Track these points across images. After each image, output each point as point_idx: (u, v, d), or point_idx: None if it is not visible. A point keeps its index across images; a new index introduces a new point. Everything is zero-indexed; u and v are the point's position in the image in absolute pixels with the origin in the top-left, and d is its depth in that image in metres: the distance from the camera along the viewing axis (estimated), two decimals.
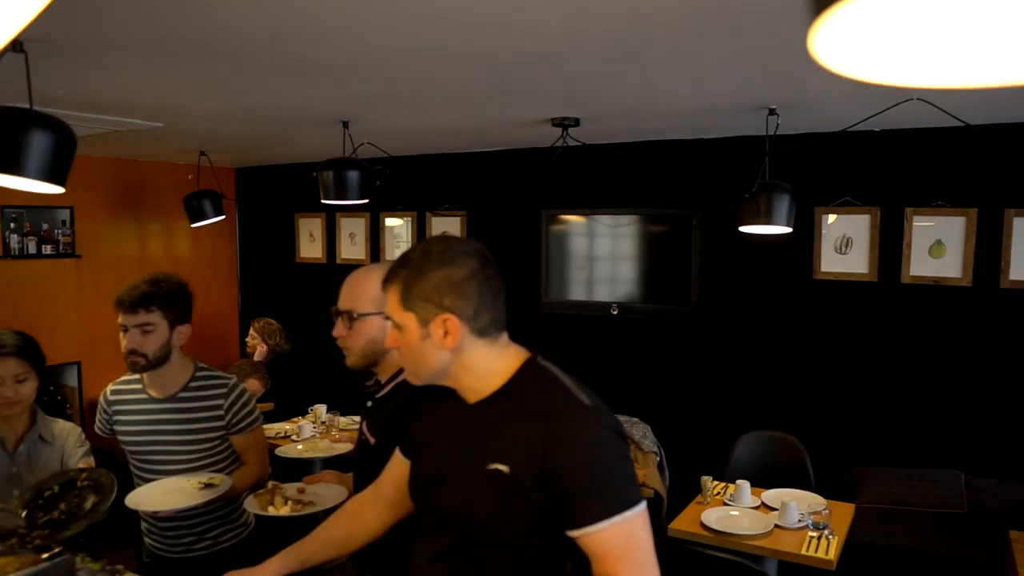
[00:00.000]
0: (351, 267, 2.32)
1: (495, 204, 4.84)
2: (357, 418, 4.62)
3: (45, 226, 5.20)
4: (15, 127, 2.14)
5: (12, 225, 5.03)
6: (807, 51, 0.53)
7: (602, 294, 4.72)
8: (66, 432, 2.54)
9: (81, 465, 2.39)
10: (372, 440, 1.97)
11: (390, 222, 5.51)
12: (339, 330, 1.97)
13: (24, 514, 2.08)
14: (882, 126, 3.74)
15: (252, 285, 6.42)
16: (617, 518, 1.34)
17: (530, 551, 1.44)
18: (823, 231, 4.08)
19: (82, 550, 2.17)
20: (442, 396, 1.56)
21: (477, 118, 3.76)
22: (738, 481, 3.43)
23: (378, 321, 1.90)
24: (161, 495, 2.30)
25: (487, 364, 1.48)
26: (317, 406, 4.63)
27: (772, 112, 3.30)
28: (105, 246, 5.53)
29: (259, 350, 5.14)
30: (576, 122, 3.69)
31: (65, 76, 2.78)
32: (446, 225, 5.22)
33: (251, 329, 5.28)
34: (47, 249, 5.20)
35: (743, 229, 3.48)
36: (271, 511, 2.19)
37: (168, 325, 2.33)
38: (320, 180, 3.86)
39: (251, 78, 2.82)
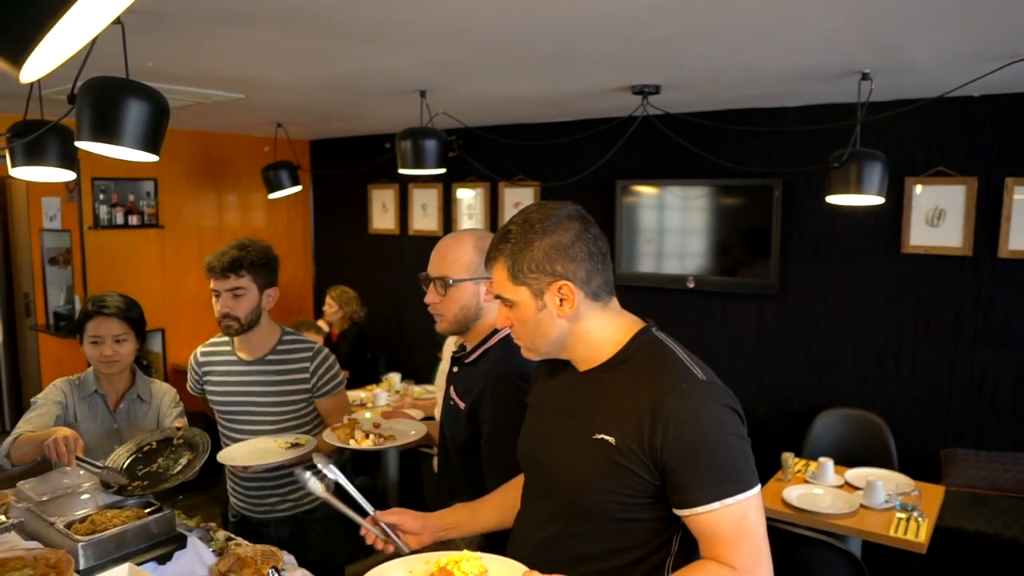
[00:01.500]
0: (423, 238, 2.35)
1: (568, 175, 4.78)
2: (431, 387, 4.70)
3: (131, 197, 5.38)
4: (113, 96, 2.19)
5: (101, 196, 5.21)
6: (911, 11, 0.48)
7: (677, 267, 4.64)
8: (162, 392, 2.66)
9: (176, 424, 2.48)
10: (462, 405, 2.03)
11: (462, 193, 5.51)
12: (431, 296, 2.02)
13: (126, 464, 2.18)
14: (983, 91, 3.54)
15: (325, 256, 6.53)
16: (729, 500, 1.29)
17: (635, 525, 1.41)
18: (913, 202, 3.90)
19: (176, 508, 2.24)
20: (555, 363, 1.55)
21: (555, 87, 3.70)
22: (821, 459, 3.34)
23: (471, 287, 1.99)
24: (250, 453, 2.36)
25: (601, 332, 1.45)
26: (391, 374, 4.70)
27: (865, 77, 3.15)
28: (186, 217, 5.69)
29: (336, 317, 5.23)
30: (656, 90, 3.60)
31: (155, 48, 2.84)
32: (518, 196, 5.19)
33: (327, 297, 5.36)
34: (133, 220, 5.38)
35: (831, 200, 3.35)
36: (353, 444, 2.21)
37: (257, 289, 2.41)
38: (397, 149, 3.88)
39: (331, 47, 2.83)
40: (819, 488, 3.19)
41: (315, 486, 1.63)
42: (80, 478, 2.16)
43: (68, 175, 3.09)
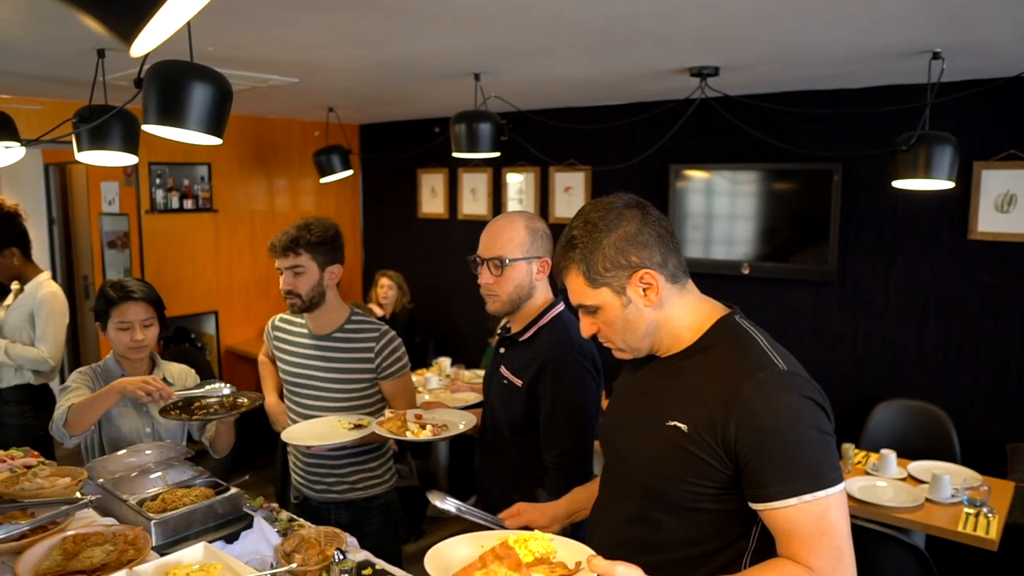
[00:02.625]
0: (472, 223, 2.38)
1: (620, 159, 4.72)
2: (481, 372, 4.71)
3: (186, 182, 5.46)
4: (179, 80, 2.20)
5: (157, 181, 5.30)
6: None
7: (732, 252, 4.55)
8: (184, 374, 2.70)
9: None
10: (519, 382, 2.08)
11: (512, 177, 5.48)
12: (485, 277, 2.08)
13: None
14: None
15: (374, 240, 6.56)
16: (807, 496, 1.24)
17: (708, 516, 1.38)
18: (982, 187, 3.76)
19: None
20: None
21: (610, 69, 3.65)
22: (883, 451, 3.26)
23: (524, 266, 2.06)
24: (313, 432, 2.37)
25: (682, 319, 1.43)
26: (441, 359, 4.70)
27: (936, 56, 3.03)
28: (239, 201, 5.77)
29: (392, 300, 5.23)
30: (715, 71, 3.51)
31: (217, 32, 2.85)
32: (569, 181, 5.15)
33: (383, 279, 5.35)
34: (188, 204, 5.46)
35: (898, 184, 3.25)
36: (409, 436, 2.21)
37: (317, 266, 2.43)
38: (451, 133, 3.86)
39: (388, 29, 2.81)
40: (882, 480, 3.11)
41: (449, 505, 1.75)
42: (148, 457, 2.20)
43: (131, 159, 3.15)
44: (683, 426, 1.35)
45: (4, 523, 1.73)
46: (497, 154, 3.97)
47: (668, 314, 1.42)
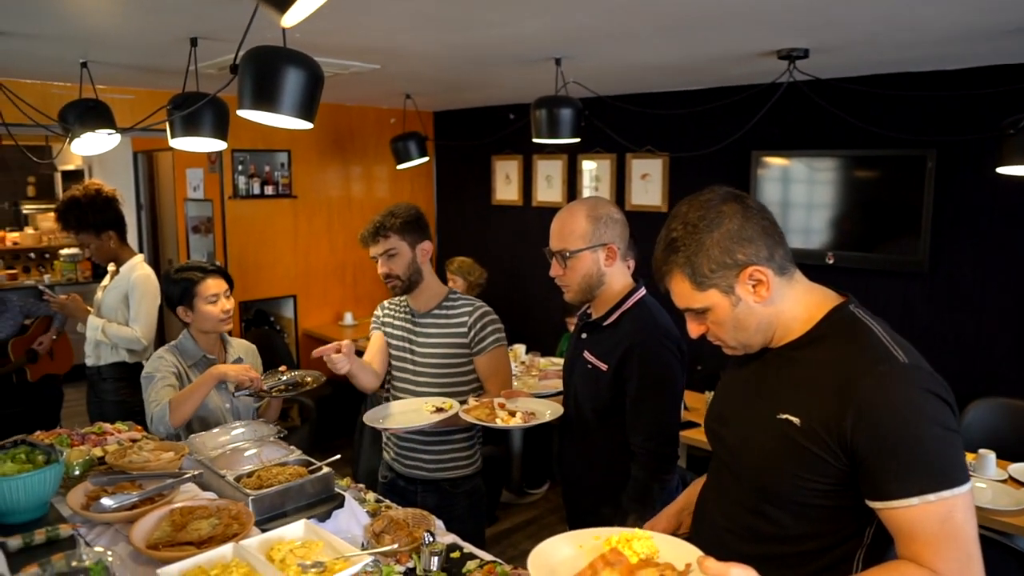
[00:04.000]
0: (546, 210, 2.39)
1: (699, 146, 4.62)
2: (557, 360, 4.69)
3: (267, 168, 5.58)
4: (273, 65, 2.24)
5: (240, 168, 5.43)
6: None
7: (811, 241, 4.41)
8: (247, 349, 2.88)
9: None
10: (604, 367, 2.10)
11: (587, 164, 5.43)
12: (555, 269, 2.13)
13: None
14: None
15: (448, 227, 6.60)
16: (931, 496, 1.18)
17: (820, 512, 1.33)
18: None
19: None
20: None
21: (695, 52, 3.56)
22: (980, 451, 3.11)
23: (589, 256, 2.09)
24: (397, 413, 2.43)
25: (792, 309, 1.38)
26: (516, 346, 4.70)
27: None
28: (317, 188, 5.87)
29: (461, 290, 5.26)
30: (805, 53, 3.39)
31: (308, 19, 2.88)
32: (647, 168, 5.07)
33: (447, 274, 5.36)
34: (268, 190, 5.58)
35: (1004, 171, 3.08)
36: (499, 423, 2.22)
37: (408, 246, 2.51)
38: (532, 118, 3.84)
39: (470, 13, 2.79)
40: (981, 482, 2.97)
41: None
42: (241, 434, 2.26)
43: (220, 144, 3.23)
44: (795, 419, 1.30)
45: (116, 493, 1.80)
46: (577, 140, 3.93)
47: (779, 307, 1.37)
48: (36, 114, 3.28)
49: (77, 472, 1.99)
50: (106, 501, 1.74)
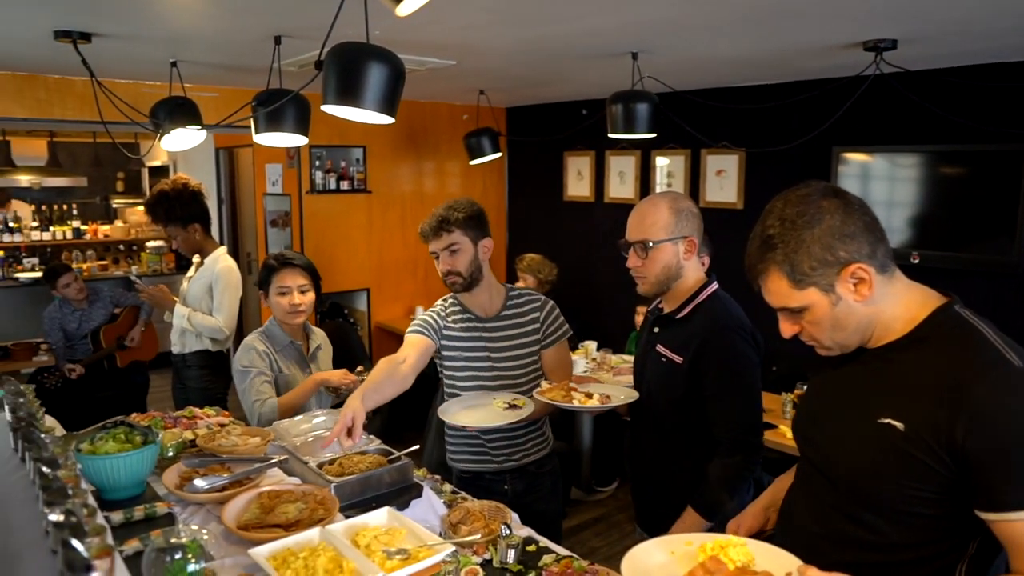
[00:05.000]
0: (618, 206, 2.36)
1: (777, 142, 4.51)
2: (628, 357, 4.66)
3: (343, 164, 5.70)
4: (358, 61, 2.28)
5: (317, 163, 5.56)
6: None
7: (899, 240, 4.25)
8: (324, 339, 2.96)
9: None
10: (678, 360, 2.10)
11: (661, 160, 5.36)
12: (634, 261, 2.13)
13: None
14: None
15: (518, 223, 6.62)
16: None
17: (921, 520, 1.28)
18: None
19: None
20: None
21: (775, 45, 3.47)
22: None
23: (670, 247, 2.09)
24: (469, 411, 2.36)
25: (893, 308, 1.33)
26: (587, 342, 4.68)
27: None
28: (391, 183, 5.96)
29: (532, 287, 5.26)
30: (893, 44, 3.28)
31: (381, 16, 2.92)
32: (722, 164, 4.97)
33: (519, 272, 5.36)
34: (344, 185, 5.70)
35: None
36: (576, 404, 2.21)
37: (470, 241, 2.44)
38: (608, 113, 3.81)
39: (548, 7, 2.78)
40: None
41: None
42: (322, 422, 2.31)
43: (302, 139, 3.31)
44: (898, 424, 1.25)
45: (207, 475, 1.86)
46: (653, 135, 3.88)
47: (880, 307, 1.32)
48: (131, 111, 3.43)
49: (171, 453, 2.07)
50: (199, 482, 1.80)
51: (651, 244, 2.08)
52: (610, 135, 3.89)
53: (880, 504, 1.30)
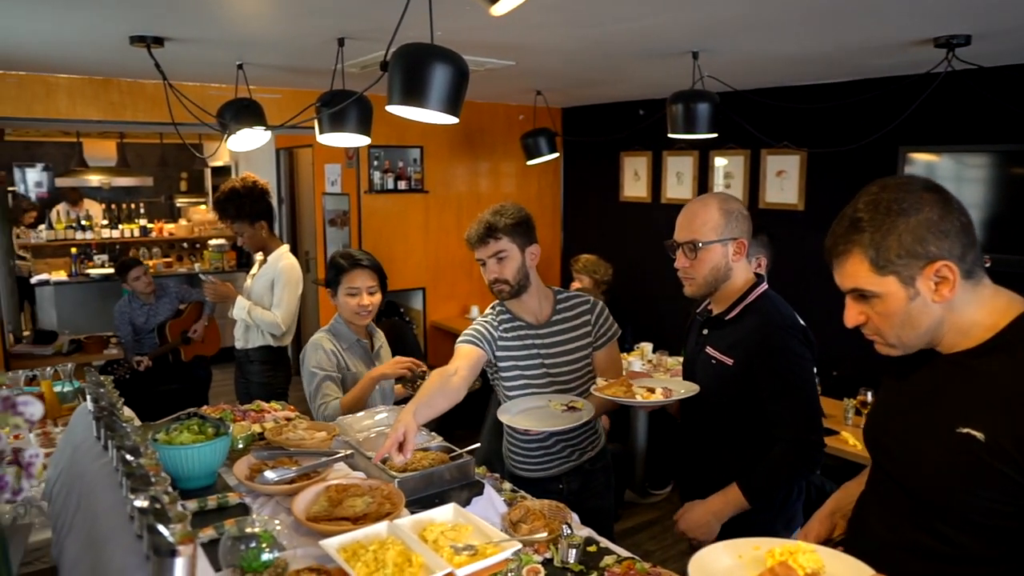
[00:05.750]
0: (676, 207, 2.32)
1: (840, 142, 4.41)
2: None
3: (400, 164, 5.77)
4: (423, 61, 2.31)
5: (375, 163, 5.64)
6: None
7: None
8: (383, 338, 2.99)
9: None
10: (729, 361, 2.08)
11: (719, 161, 5.30)
12: (681, 261, 2.11)
13: None
14: None
15: (574, 223, 6.61)
16: None
17: (1001, 534, 1.24)
18: None
19: None
20: None
21: (840, 43, 3.40)
22: None
23: (719, 248, 2.07)
24: (527, 414, 2.34)
25: (974, 314, 1.29)
26: (644, 344, 4.65)
27: None
28: (447, 183, 6.01)
29: (588, 287, 5.24)
30: (967, 40, 3.18)
31: (441, 17, 2.95)
32: (783, 164, 4.89)
33: (574, 273, 5.34)
34: (401, 185, 5.76)
35: None
36: (639, 399, 2.18)
37: (518, 248, 2.40)
38: (668, 113, 3.78)
39: (609, 7, 2.77)
40: None
41: None
42: (384, 418, 2.34)
43: (364, 140, 3.36)
44: (979, 434, 1.21)
45: (276, 467, 1.91)
46: (714, 135, 3.84)
47: (956, 312, 1.29)
48: (200, 112, 3.53)
49: (240, 445, 2.13)
50: (269, 474, 1.85)
51: (700, 244, 2.06)
52: (670, 135, 3.86)
53: (956, 516, 1.26)
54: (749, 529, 1.82)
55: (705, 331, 2.20)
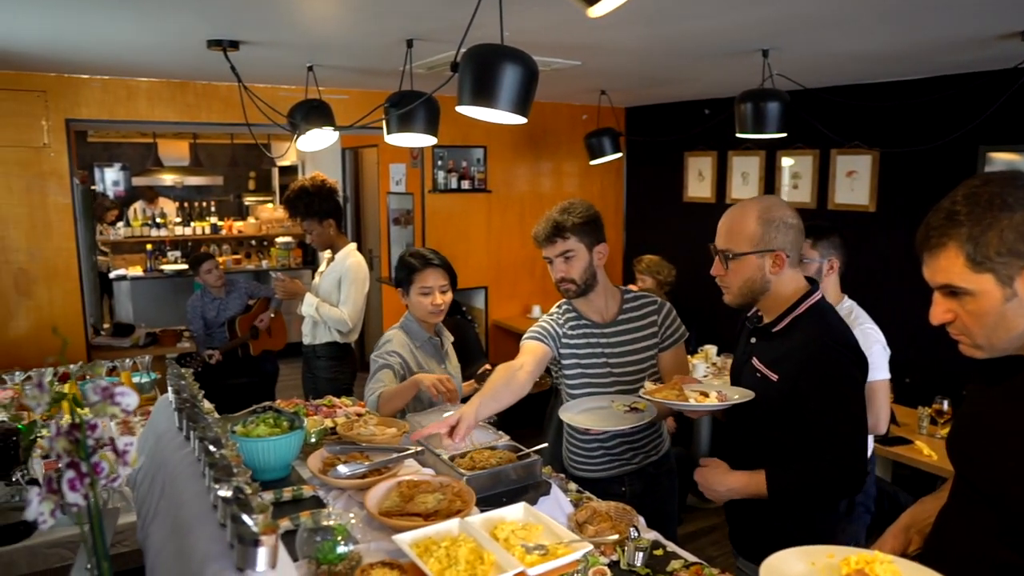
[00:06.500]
0: None
1: (914, 141, 4.27)
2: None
3: (464, 164, 5.81)
4: (493, 62, 2.32)
5: (439, 163, 5.69)
6: None
7: None
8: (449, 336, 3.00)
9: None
10: (774, 377, 1.93)
11: (786, 161, 5.19)
12: (717, 269, 2.00)
13: None
14: None
15: (636, 223, 6.56)
16: None
17: None
18: None
19: None
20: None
21: (920, 37, 3.29)
22: None
23: (754, 260, 1.92)
24: (589, 414, 2.33)
25: None
26: (708, 346, 4.59)
27: None
28: (510, 183, 6.03)
29: (651, 289, 5.20)
30: None
31: (509, 17, 2.96)
32: (853, 164, 4.76)
33: (636, 274, 5.30)
34: (464, 184, 5.81)
35: None
36: (692, 403, 2.11)
37: (585, 248, 2.39)
38: (736, 112, 3.72)
39: (678, 5, 2.74)
40: None
41: None
42: (452, 416, 2.36)
43: (431, 140, 3.39)
44: None
45: (348, 462, 1.95)
46: (784, 135, 3.76)
47: None
48: (272, 113, 3.62)
49: (313, 439, 2.18)
50: (342, 468, 1.89)
51: (731, 255, 1.95)
52: (738, 135, 3.79)
53: None
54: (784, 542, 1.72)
55: (753, 340, 2.09)
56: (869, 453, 2.79)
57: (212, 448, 1.43)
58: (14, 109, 4.29)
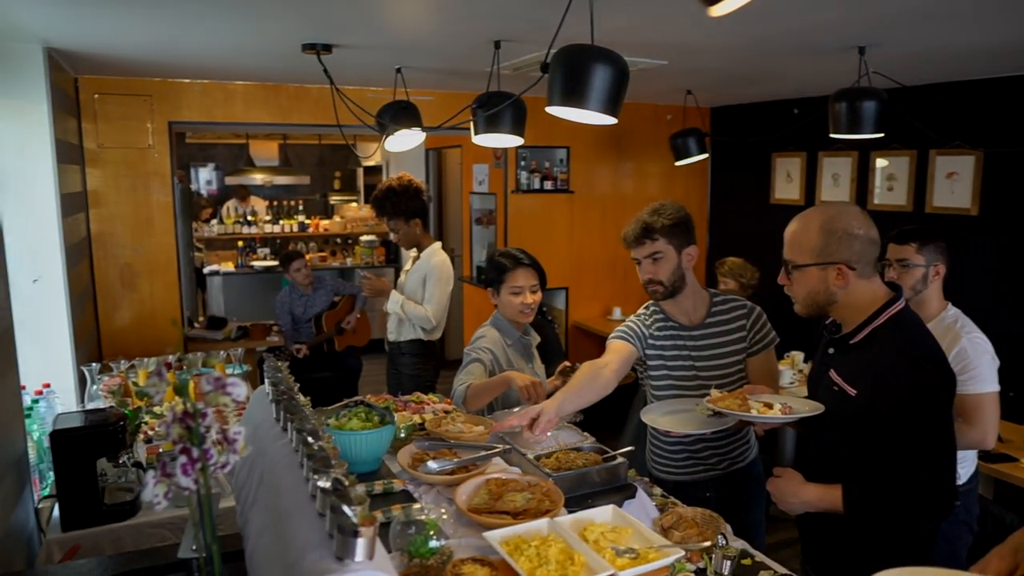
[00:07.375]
0: None
1: (1021, 141, 4.05)
2: None
3: (547, 164, 5.82)
4: (584, 62, 2.32)
5: (522, 163, 5.72)
6: None
7: None
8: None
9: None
10: (852, 391, 1.84)
11: (880, 162, 4.99)
12: (782, 278, 1.96)
13: None
14: None
15: (721, 225, 6.44)
16: None
17: None
18: None
19: None
20: None
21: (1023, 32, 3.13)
22: None
23: (815, 272, 1.86)
24: (671, 416, 2.29)
25: None
26: (794, 353, 4.46)
27: None
28: (592, 184, 6.00)
29: (735, 292, 5.09)
30: None
31: (601, 16, 2.95)
32: (954, 165, 4.55)
33: (719, 277, 5.20)
34: (547, 185, 5.81)
35: None
36: (755, 413, 2.05)
37: (675, 250, 2.37)
38: (830, 112, 3.60)
39: (773, 1, 2.68)
40: None
41: None
42: None
43: (518, 140, 3.41)
44: None
45: (437, 458, 1.98)
46: (881, 135, 3.62)
47: None
48: (362, 114, 3.71)
49: (403, 435, 2.22)
50: (432, 464, 1.92)
51: (793, 267, 1.90)
52: (831, 135, 3.67)
53: None
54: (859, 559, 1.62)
55: (831, 350, 1.99)
56: (973, 469, 2.68)
57: (310, 439, 1.48)
58: (123, 113, 4.53)
